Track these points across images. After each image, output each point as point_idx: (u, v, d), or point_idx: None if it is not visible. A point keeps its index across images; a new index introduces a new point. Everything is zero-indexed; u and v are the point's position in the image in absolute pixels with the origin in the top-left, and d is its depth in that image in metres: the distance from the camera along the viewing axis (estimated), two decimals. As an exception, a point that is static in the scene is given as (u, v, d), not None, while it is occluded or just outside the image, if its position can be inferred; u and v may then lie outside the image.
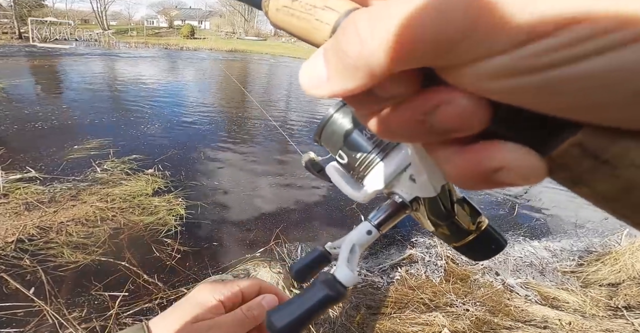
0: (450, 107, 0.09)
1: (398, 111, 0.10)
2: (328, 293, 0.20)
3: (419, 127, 0.10)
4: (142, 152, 2.98)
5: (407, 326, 1.51)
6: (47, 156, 2.73)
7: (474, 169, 0.10)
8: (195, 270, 1.69)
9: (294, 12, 0.14)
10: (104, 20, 23.65)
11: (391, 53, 0.08)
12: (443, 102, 0.09)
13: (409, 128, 0.10)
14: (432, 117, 0.09)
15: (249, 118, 4.78)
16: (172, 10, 40.75)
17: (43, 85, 5.72)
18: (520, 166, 0.09)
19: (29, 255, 1.63)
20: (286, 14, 0.14)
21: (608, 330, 1.63)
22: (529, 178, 0.09)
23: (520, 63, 0.07)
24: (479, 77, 0.08)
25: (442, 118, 0.09)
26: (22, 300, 1.37)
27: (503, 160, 0.09)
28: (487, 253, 0.26)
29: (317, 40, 0.13)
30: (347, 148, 0.25)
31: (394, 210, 0.23)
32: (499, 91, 0.08)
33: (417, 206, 0.23)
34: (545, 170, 0.09)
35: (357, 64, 0.09)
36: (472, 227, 0.25)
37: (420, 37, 0.08)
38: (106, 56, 11.01)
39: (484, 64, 0.08)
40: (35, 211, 1.99)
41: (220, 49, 17.83)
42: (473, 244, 0.25)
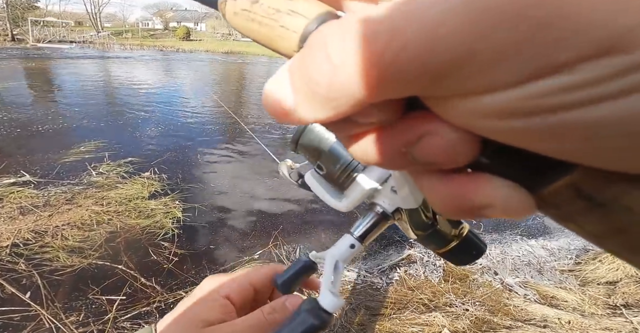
0: (435, 139, 0.08)
1: (378, 139, 0.09)
2: (313, 323, 0.20)
3: (400, 158, 0.09)
4: (138, 155, 2.98)
5: (406, 327, 1.52)
6: (41, 160, 2.72)
7: (458, 203, 0.09)
8: (193, 273, 1.70)
9: (254, 16, 0.12)
10: (99, 22, 23.63)
11: (370, 82, 0.07)
12: (427, 134, 0.08)
13: (389, 158, 0.09)
14: (414, 149, 0.08)
15: (245, 119, 4.79)
16: (168, 12, 40.80)
17: (37, 88, 5.70)
18: (507, 204, 0.08)
19: (24, 259, 1.63)
20: (246, 19, 0.12)
21: (607, 328, 1.64)
22: (515, 215, 0.09)
23: (523, 103, 0.06)
24: (471, 114, 0.07)
25: (425, 151, 0.08)
26: (18, 305, 1.37)
27: (489, 197, 0.08)
28: (469, 259, 0.27)
29: (283, 49, 0.11)
30: (326, 158, 0.24)
31: (376, 221, 0.23)
32: (494, 131, 0.07)
33: (399, 216, 0.23)
34: (533, 208, 0.09)
35: (328, 95, 0.08)
36: (455, 234, 0.25)
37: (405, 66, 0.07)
38: (101, 58, 10.99)
39: (478, 99, 0.07)
40: (29, 215, 1.99)
41: (216, 51, 17.86)
42: (455, 250, 0.26)
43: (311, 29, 0.10)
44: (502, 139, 0.07)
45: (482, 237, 1.06)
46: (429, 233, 0.24)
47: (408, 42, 0.06)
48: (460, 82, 0.06)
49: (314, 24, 0.10)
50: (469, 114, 0.07)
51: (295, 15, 0.11)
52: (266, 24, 0.11)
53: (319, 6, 0.11)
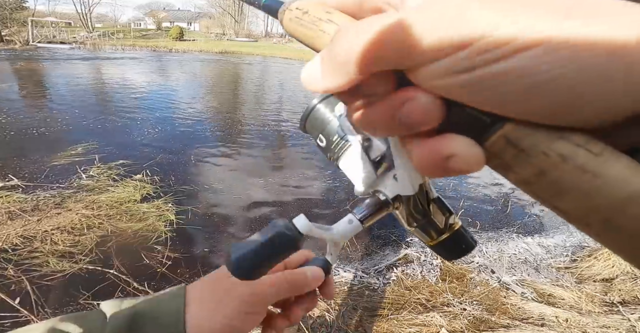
0: (414, 102, 0.12)
1: (376, 107, 0.13)
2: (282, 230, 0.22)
3: (391, 121, 0.12)
4: (129, 158, 2.96)
5: (404, 327, 1.52)
6: (29, 163, 2.69)
7: (432, 156, 0.12)
8: (188, 277, 1.68)
9: (303, 23, 0.17)
10: (89, 22, 23.42)
11: (368, 55, 0.11)
12: (408, 99, 0.12)
13: (383, 121, 0.13)
14: (400, 112, 0.12)
15: (239, 120, 4.78)
16: (160, 12, 40.58)
17: (26, 90, 5.63)
18: (465, 154, 0.11)
19: (13, 265, 1.61)
20: (297, 24, 0.17)
21: (605, 326, 1.65)
22: (473, 165, 0.11)
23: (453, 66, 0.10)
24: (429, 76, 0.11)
25: (408, 112, 0.12)
26: (7, 311, 1.35)
27: (453, 148, 0.12)
28: (459, 253, 0.28)
29: (319, 46, 0.16)
30: (327, 132, 0.29)
31: (377, 207, 0.26)
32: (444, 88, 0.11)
33: (398, 204, 0.26)
34: (484, 158, 0.11)
35: (344, 63, 0.12)
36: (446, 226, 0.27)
37: (386, 46, 0.11)
38: (92, 59, 10.89)
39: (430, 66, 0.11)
40: (18, 220, 1.96)
41: (210, 51, 17.80)
42: (446, 243, 0.28)
43: None
44: (451, 95, 0.11)
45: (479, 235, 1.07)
46: (422, 223, 0.27)
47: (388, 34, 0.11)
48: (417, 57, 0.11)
49: None
50: (429, 76, 0.11)
51: (330, 23, 0.16)
52: (310, 28, 0.16)
53: (348, 18, 0.16)
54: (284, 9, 0.19)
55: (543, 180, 0.10)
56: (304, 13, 0.17)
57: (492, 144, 0.11)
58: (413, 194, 0.25)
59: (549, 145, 0.10)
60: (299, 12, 0.17)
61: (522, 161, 0.11)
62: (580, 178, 0.09)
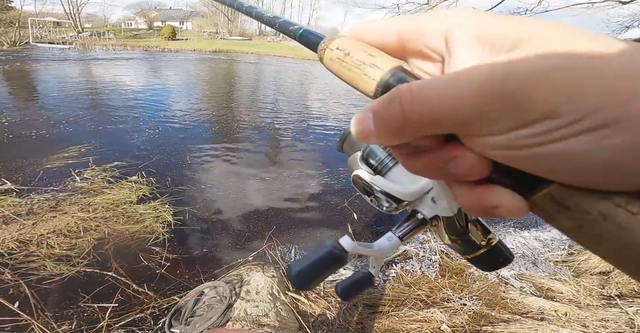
0: (462, 160, 0.13)
1: (425, 157, 0.14)
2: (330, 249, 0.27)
3: (439, 171, 0.14)
4: (124, 159, 2.96)
5: (405, 324, 1.54)
6: (22, 166, 2.68)
7: (478, 204, 0.14)
8: (187, 278, 1.70)
9: (345, 65, 0.17)
10: (78, 22, 23.20)
11: (424, 125, 0.12)
12: (457, 157, 0.13)
13: (431, 170, 0.14)
14: (449, 165, 0.14)
15: (234, 119, 4.78)
16: (151, 11, 40.30)
17: (16, 92, 5.59)
18: (510, 206, 0.13)
19: (10, 269, 1.61)
20: (339, 65, 0.17)
21: (604, 319, 1.68)
22: (516, 214, 0.13)
23: (511, 143, 0.11)
24: (484, 146, 0.12)
25: (456, 167, 0.13)
26: (7, 315, 1.36)
27: (498, 201, 0.13)
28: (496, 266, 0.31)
29: (364, 89, 0.16)
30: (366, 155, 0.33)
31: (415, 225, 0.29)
32: (497, 156, 0.12)
33: (436, 222, 0.28)
34: (527, 209, 0.13)
35: (399, 131, 0.13)
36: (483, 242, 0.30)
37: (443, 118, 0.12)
38: (83, 60, 10.81)
39: (487, 139, 0.12)
40: (13, 224, 1.96)
41: (203, 50, 17.73)
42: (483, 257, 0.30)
43: (385, 78, 0.15)
44: (503, 161, 0.12)
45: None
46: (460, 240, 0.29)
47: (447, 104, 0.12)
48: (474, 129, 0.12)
49: (387, 75, 0.15)
50: (483, 146, 0.12)
51: (375, 68, 0.16)
52: (354, 72, 0.16)
53: (391, 62, 0.16)
54: (324, 47, 0.18)
55: (583, 232, 0.12)
56: (346, 55, 0.17)
57: (537, 199, 0.12)
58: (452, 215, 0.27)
59: (591, 205, 0.11)
60: (341, 53, 0.17)
61: (565, 216, 0.12)
62: (618, 234, 0.11)
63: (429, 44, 0.15)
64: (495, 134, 0.11)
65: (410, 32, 0.15)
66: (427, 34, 0.15)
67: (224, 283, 1.55)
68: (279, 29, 0.23)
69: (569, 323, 1.65)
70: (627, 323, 1.66)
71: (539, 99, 0.10)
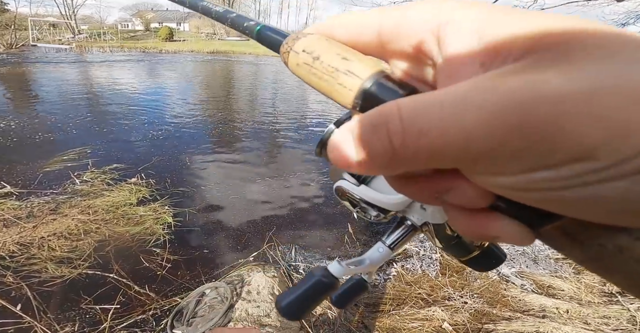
0: (461, 192, 0.11)
1: (416, 184, 0.12)
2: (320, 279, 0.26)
3: (433, 199, 0.12)
4: (123, 161, 2.98)
5: (406, 322, 1.56)
6: (22, 170, 2.70)
7: (476, 232, 0.12)
8: (188, 279, 1.72)
9: (315, 72, 0.14)
10: (75, 24, 23.26)
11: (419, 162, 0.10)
12: (454, 188, 0.11)
13: (423, 197, 0.13)
14: (444, 196, 0.12)
15: (233, 121, 4.81)
16: (148, 12, 40.39)
17: (13, 95, 5.61)
18: (512, 237, 0.11)
19: (11, 271, 1.63)
20: (307, 72, 0.14)
21: (605, 316, 1.68)
22: (518, 244, 0.12)
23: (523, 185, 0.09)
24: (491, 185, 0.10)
25: (452, 199, 0.12)
26: (9, 317, 1.38)
27: (499, 231, 0.12)
28: (489, 266, 0.32)
29: (340, 101, 0.14)
30: None
31: (405, 233, 0.28)
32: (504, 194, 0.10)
33: (426, 228, 0.28)
34: (532, 239, 0.12)
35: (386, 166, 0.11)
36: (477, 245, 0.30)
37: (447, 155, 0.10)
38: (79, 62, 10.84)
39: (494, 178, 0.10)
40: (13, 227, 1.98)
41: (201, 51, 17.77)
42: (477, 259, 0.31)
43: (365, 87, 0.13)
44: (509, 197, 0.11)
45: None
46: (452, 244, 0.29)
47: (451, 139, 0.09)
48: (482, 168, 0.10)
49: (368, 83, 0.13)
50: (489, 185, 0.10)
51: (351, 75, 0.13)
52: (326, 80, 0.14)
53: (371, 67, 0.13)
54: (287, 49, 0.15)
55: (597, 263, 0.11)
56: (315, 59, 0.14)
57: (546, 231, 0.11)
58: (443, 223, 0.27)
59: (608, 239, 0.10)
60: (308, 58, 0.14)
61: (577, 248, 0.11)
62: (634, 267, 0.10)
63: (416, 45, 0.12)
64: (508, 175, 0.10)
65: (393, 29, 0.13)
66: (413, 32, 0.12)
67: (225, 283, 1.57)
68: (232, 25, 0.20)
69: (570, 321, 1.65)
70: (628, 320, 1.66)
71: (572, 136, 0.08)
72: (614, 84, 0.08)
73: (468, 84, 0.10)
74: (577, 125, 0.08)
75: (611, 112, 0.08)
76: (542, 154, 0.09)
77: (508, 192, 0.10)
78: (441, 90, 0.10)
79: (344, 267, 0.27)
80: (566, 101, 0.08)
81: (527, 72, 0.09)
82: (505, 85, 0.09)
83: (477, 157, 0.09)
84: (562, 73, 0.09)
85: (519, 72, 0.09)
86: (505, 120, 0.09)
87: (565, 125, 0.08)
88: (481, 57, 0.10)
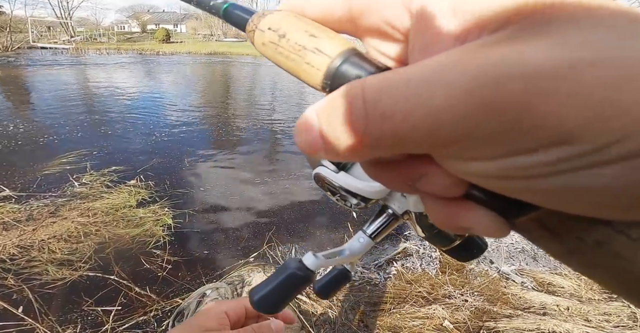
0: (433, 179, 0.11)
1: (387, 171, 0.12)
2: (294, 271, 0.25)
3: (406, 186, 0.12)
4: (122, 163, 3.00)
5: (407, 321, 1.58)
6: (20, 173, 2.72)
7: (450, 223, 0.12)
8: (189, 280, 1.74)
9: (282, 50, 0.13)
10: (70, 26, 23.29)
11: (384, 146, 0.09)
12: (427, 174, 0.11)
13: (396, 185, 0.12)
14: (417, 183, 0.11)
15: (232, 121, 4.83)
16: (144, 14, 40.47)
17: (10, 97, 5.63)
18: (487, 228, 0.11)
19: (12, 274, 1.65)
20: (274, 51, 0.14)
21: (606, 313, 1.70)
22: (492, 235, 0.11)
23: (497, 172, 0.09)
24: (465, 172, 0.10)
25: (424, 186, 0.11)
26: (11, 320, 1.40)
27: (474, 221, 0.11)
28: (471, 256, 0.32)
29: (309, 81, 0.13)
30: None
31: (386, 221, 0.28)
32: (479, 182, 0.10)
33: (407, 217, 0.28)
34: (507, 231, 0.11)
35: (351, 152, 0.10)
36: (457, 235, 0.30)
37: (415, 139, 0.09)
38: (76, 64, 10.86)
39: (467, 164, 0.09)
40: (13, 230, 2.00)
41: (198, 52, 17.81)
42: (458, 249, 0.30)
43: (333, 67, 0.12)
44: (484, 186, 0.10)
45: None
46: (434, 233, 0.29)
47: (417, 122, 0.08)
48: (453, 152, 0.09)
49: (337, 62, 0.12)
50: (462, 172, 0.10)
51: (319, 54, 0.12)
52: (292, 59, 0.13)
53: (341, 44, 0.12)
54: (252, 28, 0.14)
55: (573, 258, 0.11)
56: (281, 37, 0.13)
57: (522, 222, 0.11)
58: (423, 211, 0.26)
59: (588, 231, 0.10)
60: (274, 36, 0.13)
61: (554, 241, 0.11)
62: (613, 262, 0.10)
63: (387, 19, 0.12)
64: (482, 160, 0.09)
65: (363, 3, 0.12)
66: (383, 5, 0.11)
67: (225, 284, 1.59)
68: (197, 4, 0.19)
69: (571, 318, 1.67)
70: (629, 316, 1.68)
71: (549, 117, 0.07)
72: (602, 57, 0.07)
73: (438, 58, 0.09)
74: (555, 105, 0.07)
75: (595, 89, 0.07)
76: (516, 137, 0.08)
77: (481, 180, 0.10)
78: (410, 66, 0.09)
79: (320, 259, 0.26)
80: (543, 76, 0.07)
81: (503, 45, 0.08)
82: (478, 60, 0.08)
83: (447, 141, 0.09)
84: (541, 44, 0.08)
85: (494, 44, 0.08)
86: (477, 99, 0.08)
87: (540, 104, 0.07)
88: (456, 30, 0.10)
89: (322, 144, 0.10)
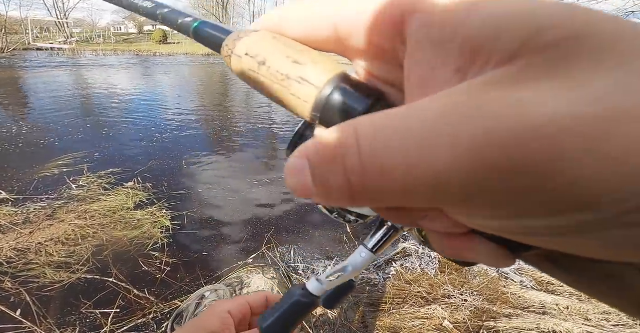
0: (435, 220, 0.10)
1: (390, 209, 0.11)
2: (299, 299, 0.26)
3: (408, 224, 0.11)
4: (119, 166, 3.00)
5: (407, 321, 1.58)
6: (17, 176, 2.71)
7: (454, 254, 0.11)
8: (188, 282, 1.74)
9: (263, 80, 0.12)
10: (66, 28, 23.28)
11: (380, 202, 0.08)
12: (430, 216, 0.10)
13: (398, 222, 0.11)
14: (420, 222, 0.11)
15: (230, 123, 4.83)
16: (141, 14, 40.33)
17: (6, 100, 5.62)
18: (490, 260, 0.11)
19: (10, 277, 1.65)
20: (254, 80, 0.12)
21: (606, 312, 1.71)
22: (498, 266, 0.11)
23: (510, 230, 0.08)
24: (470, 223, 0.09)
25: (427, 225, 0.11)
26: (9, 323, 1.40)
27: (477, 254, 0.11)
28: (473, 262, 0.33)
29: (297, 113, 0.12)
30: None
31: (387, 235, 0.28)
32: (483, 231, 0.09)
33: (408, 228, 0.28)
34: (513, 262, 0.11)
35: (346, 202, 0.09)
36: None
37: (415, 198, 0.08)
38: (73, 66, 10.85)
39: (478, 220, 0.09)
40: (10, 233, 2.00)
41: (196, 53, 17.82)
42: None
43: (323, 96, 0.11)
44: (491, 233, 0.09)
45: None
46: None
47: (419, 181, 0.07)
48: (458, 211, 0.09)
49: (326, 91, 0.11)
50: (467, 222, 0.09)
51: (304, 84, 0.11)
52: (276, 90, 0.12)
53: (327, 71, 0.11)
54: (228, 53, 0.13)
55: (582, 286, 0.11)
56: (260, 64, 0.12)
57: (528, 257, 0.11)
58: None
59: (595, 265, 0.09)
60: (253, 63, 0.12)
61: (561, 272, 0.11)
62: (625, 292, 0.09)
63: (378, 43, 0.10)
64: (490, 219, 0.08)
65: (350, 22, 0.11)
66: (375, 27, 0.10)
67: (224, 286, 1.59)
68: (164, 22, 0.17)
69: (571, 317, 1.67)
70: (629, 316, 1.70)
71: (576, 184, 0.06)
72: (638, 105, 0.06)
73: (439, 102, 0.08)
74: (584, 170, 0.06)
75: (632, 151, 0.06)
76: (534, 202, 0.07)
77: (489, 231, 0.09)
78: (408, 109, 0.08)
79: (324, 283, 0.27)
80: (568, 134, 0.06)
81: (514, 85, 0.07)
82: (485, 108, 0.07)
83: (454, 202, 0.08)
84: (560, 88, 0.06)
85: (503, 84, 0.07)
86: (486, 159, 0.07)
87: (566, 169, 0.06)
88: (455, 60, 0.08)
89: (315, 193, 0.09)
